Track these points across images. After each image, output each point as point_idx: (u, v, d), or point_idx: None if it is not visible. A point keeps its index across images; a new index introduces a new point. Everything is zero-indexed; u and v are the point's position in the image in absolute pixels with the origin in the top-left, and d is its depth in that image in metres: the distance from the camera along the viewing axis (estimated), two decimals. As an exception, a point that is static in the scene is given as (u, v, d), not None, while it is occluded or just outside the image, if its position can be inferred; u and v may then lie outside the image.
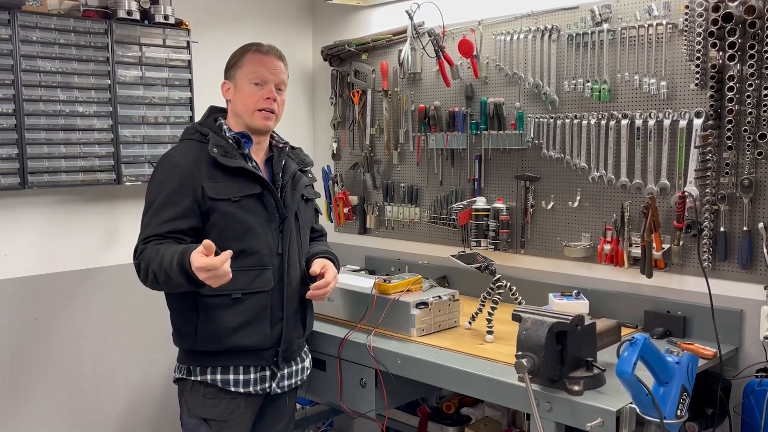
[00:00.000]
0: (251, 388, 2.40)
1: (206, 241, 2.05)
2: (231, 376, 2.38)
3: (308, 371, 2.66)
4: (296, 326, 2.51)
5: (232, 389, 2.37)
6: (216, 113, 2.53)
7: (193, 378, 2.39)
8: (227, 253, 2.05)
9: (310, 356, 2.70)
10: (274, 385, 2.47)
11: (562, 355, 2.19)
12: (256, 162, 2.46)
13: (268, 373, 2.45)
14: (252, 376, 2.41)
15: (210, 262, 2.04)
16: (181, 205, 2.28)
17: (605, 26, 2.95)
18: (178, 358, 2.47)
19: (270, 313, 2.39)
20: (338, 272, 2.60)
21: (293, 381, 2.55)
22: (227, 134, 2.42)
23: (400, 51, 3.65)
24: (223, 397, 2.37)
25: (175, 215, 2.27)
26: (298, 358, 2.58)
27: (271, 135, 2.58)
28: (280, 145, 2.59)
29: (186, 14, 3.46)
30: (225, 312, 2.32)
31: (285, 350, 2.45)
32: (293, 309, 2.47)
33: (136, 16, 3.25)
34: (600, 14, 2.95)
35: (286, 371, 2.51)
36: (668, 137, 2.81)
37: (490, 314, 2.77)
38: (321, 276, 2.48)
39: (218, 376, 2.37)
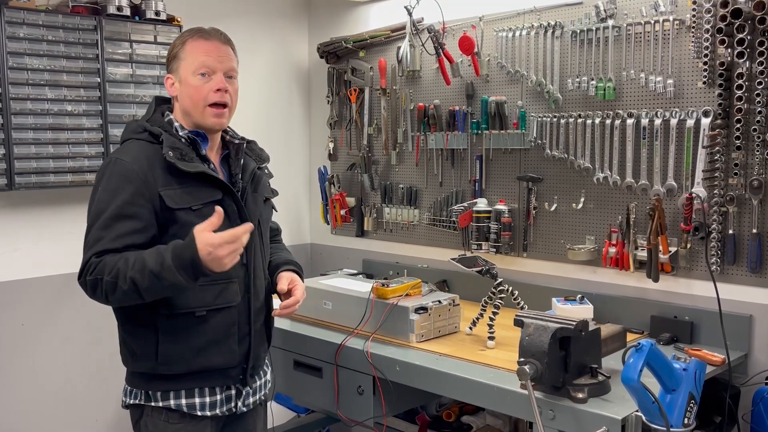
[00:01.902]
0: (218, 410, 2.25)
1: (216, 216, 1.95)
2: (197, 400, 2.21)
3: (270, 384, 2.50)
4: (262, 340, 2.37)
5: (199, 413, 2.22)
6: (163, 105, 2.31)
7: (153, 404, 2.21)
8: (246, 225, 2.00)
9: (270, 367, 2.54)
10: (239, 403, 2.32)
11: (565, 361, 2.19)
12: (213, 163, 2.27)
13: (233, 392, 2.30)
14: (218, 397, 2.25)
15: (233, 232, 1.95)
16: (139, 217, 2.08)
17: (610, 22, 2.95)
18: (130, 381, 2.28)
19: (237, 330, 2.24)
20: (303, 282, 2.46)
21: (257, 397, 2.40)
22: (180, 133, 2.20)
23: (399, 48, 3.65)
24: (189, 421, 2.21)
25: (133, 229, 2.07)
26: (261, 372, 2.43)
27: (224, 129, 2.35)
28: (236, 142, 2.35)
29: (178, 10, 3.46)
30: (189, 332, 2.16)
31: (252, 367, 2.31)
32: (260, 322, 2.33)
33: (127, 11, 3.25)
34: (605, 10, 2.95)
35: (250, 388, 2.36)
36: (675, 137, 2.81)
37: (491, 319, 2.76)
38: (289, 293, 2.34)
39: (183, 401, 2.20)
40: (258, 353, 2.33)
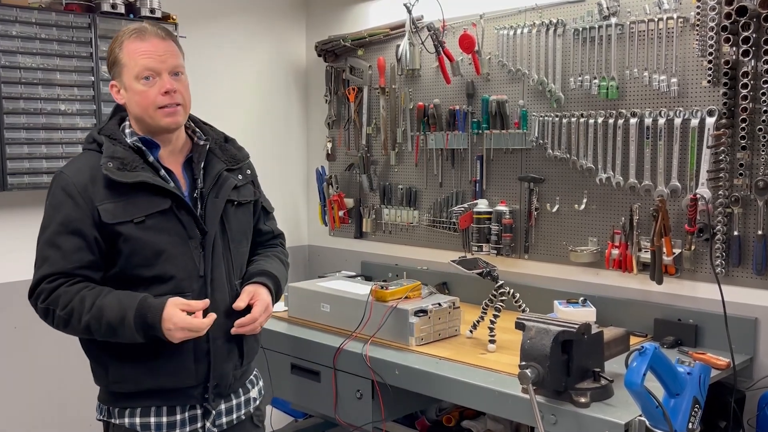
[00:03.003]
0: (178, 431, 2.13)
1: (201, 303, 2.02)
2: (152, 419, 2.11)
3: (257, 401, 2.36)
4: (230, 357, 2.19)
5: None
6: (124, 112, 2.19)
7: (113, 420, 2.15)
8: (212, 317, 2.01)
9: (259, 384, 2.40)
10: (208, 424, 2.18)
11: (567, 365, 2.19)
12: (167, 169, 2.14)
13: (199, 411, 2.16)
14: (178, 417, 2.13)
15: (197, 323, 1.98)
16: (83, 233, 2.02)
17: (613, 20, 2.95)
18: (98, 395, 2.23)
19: (193, 347, 2.09)
20: (278, 296, 2.31)
21: (234, 417, 2.25)
22: (129, 140, 2.11)
23: (398, 46, 3.65)
24: None
25: (79, 246, 2.02)
26: (240, 390, 2.28)
27: (192, 129, 2.25)
28: (201, 143, 2.22)
29: (173, 7, 3.45)
30: (139, 350, 2.05)
31: (217, 386, 2.16)
32: (223, 338, 2.15)
33: (121, 9, 3.25)
34: (607, 7, 2.95)
35: (223, 407, 2.22)
36: (679, 137, 2.81)
37: (492, 322, 2.76)
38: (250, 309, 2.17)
39: (137, 419, 2.11)
40: (223, 371, 2.17)
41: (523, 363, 2.17)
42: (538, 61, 3.20)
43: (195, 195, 2.16)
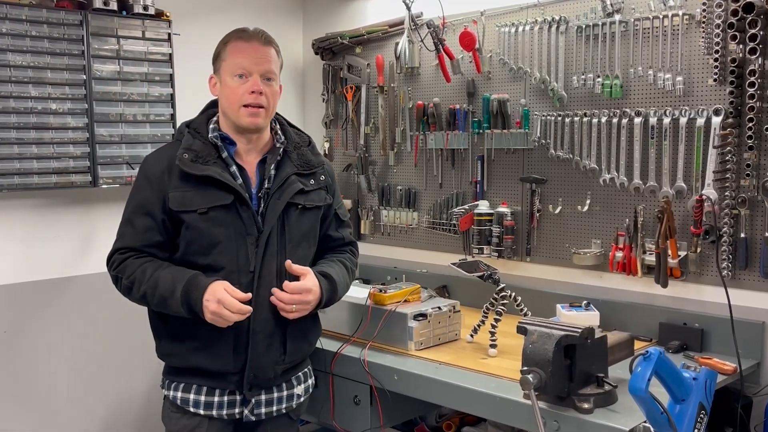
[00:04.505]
0: (214, 412, 2.34)
1: (244, 295, 2.20)
2: (191, 396, 2.35)
3: (301, 398, 2.51)
4: (269, 352, 2.34)
5: (191, 410, 2.34)
6: (215, 107, 2.44)
7: (164, 391, 2.43)
8: (247, 309, 2.20)
9: (308, 381, 2.56)
10: (246, 411, 2.37)
11: (570, 370, 2.19)
12: (239, 166, 2.34)
13: (238, 397, 2.36)
14: (216, 399, 2.34)
15: (230, 301, 2.16)
16: (154, 215, 2.28)
17: (617, 17, 2.95)
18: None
19: (234, 336, 2.28)
20: (333, 298, 2.42)
21: (274, 409, 2.42)
22: (210, 135, 2.33)
23: (397, 44, 3.65)
24: (183, 415, 2.37)
25: (149, 226, 2.29)
26: (284, 385, 2.44)
27: (276, 131, 2.44)
28: (277, 145, 2.42)
29: (167, 4, 3.46)
30: (186, 330, 2.30)
31: (254, 377, 2.33)
32: (264, 333, 2.31)
33: (114, 6, 3.25)
34: (611, 4, 2.95)
35: (264, 398, 2.39)
36: (684, 136, 2.81)
37: (493, 326, 2.76)
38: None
39: (179, 394, 2.36)
40: (261, 364, 2.33)
41: (525, 368, 2.17)
42: (541, 59, 3.20)
43: (260, 194, 2.35)
